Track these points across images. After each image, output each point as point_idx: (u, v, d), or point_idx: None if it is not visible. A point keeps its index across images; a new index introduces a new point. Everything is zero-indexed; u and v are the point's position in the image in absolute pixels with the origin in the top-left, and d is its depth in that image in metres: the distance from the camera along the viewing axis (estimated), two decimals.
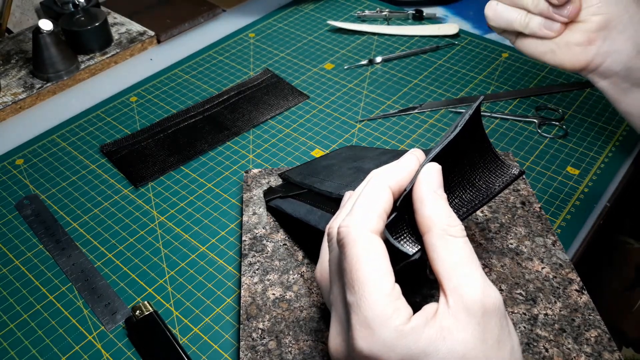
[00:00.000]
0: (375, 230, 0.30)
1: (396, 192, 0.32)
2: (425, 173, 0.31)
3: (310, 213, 0.46)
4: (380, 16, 0.85)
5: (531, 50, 0.48)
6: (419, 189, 0.31)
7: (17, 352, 0.45)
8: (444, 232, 0.30)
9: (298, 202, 0.49)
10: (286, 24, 0.85)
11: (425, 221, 0.30)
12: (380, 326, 0.28)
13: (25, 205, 0.57)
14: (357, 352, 0.29)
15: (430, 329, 0.28)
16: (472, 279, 0.29)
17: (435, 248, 0.30)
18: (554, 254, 0.47)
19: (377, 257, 0.29)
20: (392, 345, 0.28)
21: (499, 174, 0.36)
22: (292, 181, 0.52)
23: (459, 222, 0.30)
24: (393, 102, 0.69)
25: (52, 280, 0.50)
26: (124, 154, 0.63)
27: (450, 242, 0.29)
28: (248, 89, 0.71)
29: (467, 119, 0.33)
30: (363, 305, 0.28)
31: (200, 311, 0.47)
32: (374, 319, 0.28)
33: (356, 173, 0.46)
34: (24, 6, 0.85)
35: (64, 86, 0.74)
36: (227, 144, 0.64)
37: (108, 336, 0.46)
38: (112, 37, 0.79)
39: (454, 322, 0.28)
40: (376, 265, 0.29)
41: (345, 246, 0.30)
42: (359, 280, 0.29)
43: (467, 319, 0.28)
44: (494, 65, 0.74)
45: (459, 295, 0.28)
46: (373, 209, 0.31)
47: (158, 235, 0.54)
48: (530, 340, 0.41)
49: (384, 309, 0.28)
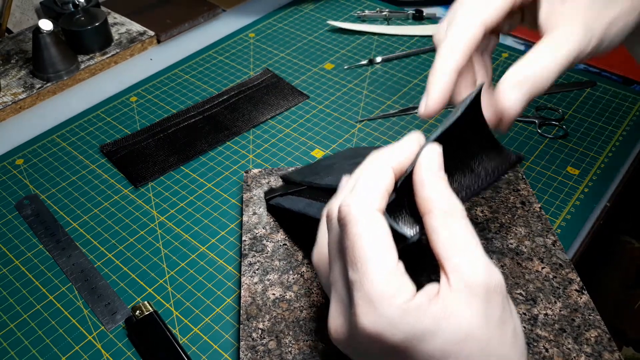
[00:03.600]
0: (377, 209, 0.30)
1: (397, 173, 0.32)
2: (426, 155, 0.31)
3: (309, 206, 0.46)
4: (380, 16, 0.85)
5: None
6: (419, 170, 0.31)
7: (17, 352, 0.45)
8: (445, 214, 0.29)
9: (297, 197, 0.49)
10: (286, 24, 0.85)
11: (425, 203, 0.30)
12: (383, 303, 0.27)
13: (25, 205, 0.57)
14: (359, 330, 0.28)
15: (434, 307, 0.27)
16: (473, 259, 0.28)
17: (435, 229, 0.29)
18: (554, 254, 0.47)
19: (380, 234, 0.29)
20: (396, 322, 0.27)
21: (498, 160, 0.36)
22: (293, 181, 0.52)
23: (460, 203, 0.30)
24: (393, 102, 0.69)
25: (52, 280, 0.50)
26: (124, 154, 0.63)
27: (451, 223, 0.29)
28: (248, 89, 0.71)
29: (468, 104, 0.33)
30: (366, 282, 0.28)
31: (200, 311, 0.47)
32: (377, 295, 0.28)
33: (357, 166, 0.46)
34: (24, 6, 0.85)
35: (64, 86, 0.74)
36: (227, 144, 0.64)
37: (108, 336, 0.46)
38: (112, 37, 0.79)
39: (456, 301, 0.28)
40: (379, 242, 0.29)
41: (347, 224, 0.30)
42: (362, 257, 0.28)
43: (470, 298, 0.28)
44: (494, 65, 0.74)
45: (460, 274, 0.28)
46: (375, 188, 0.30)
47: (158, 235, 0.54)
48: (530, 340, 0.41)
49: (388, 286, 0.28)
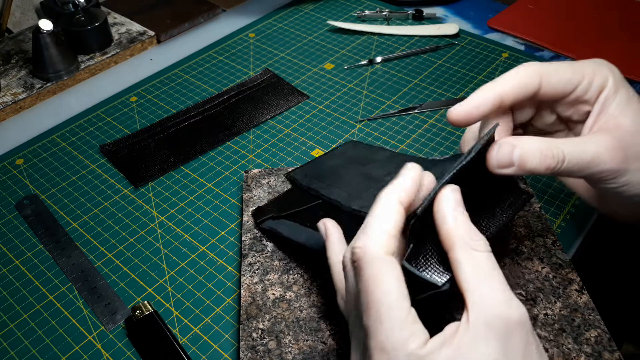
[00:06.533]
0: (388, 251, 0.30)
1: (406, 206, 0.32)
2: (445, 192, 0.32)
3: (312, 238, 0.45)
4: (380, 16, 0.85)
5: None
6: (439, 207, 0.31)
7: (17, 352, 0.45)
8: (467, 246, 0.30)
9: (296, 224, 0.47)
10: (286, 24, 0.85)
11: (448, 237, 0.30)
12: (396, 350, 0.28)
13: (25, 205, 0.57)
14: None
15: (446, 350, 0.27)
16: (495, 293, 0.28)
17: (459, 263, 0.30)
18: (554, 254, 0.47)
19: (391, 280, 0.29)
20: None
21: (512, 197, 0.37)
22: (298, 184, 0.52)
23: (482, 237, 0.30)
24: (393, 102, 0.69)
25: (52, 280, 0.50)
26: (124, 154, 0.63)
27: (474, 256, 0.29)
28: (248, 89, 0.71)
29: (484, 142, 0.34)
30: (379, 329, 0.28)
31: (200, 311, 0.47)
32: (389, 343, 0.28)
33: (366, 182, 0.45)
34: (24, 6, 0.85)
35: (64, 86, 0.74)
36: (227, 144, 0.64)
37: (108, 336, 0.46)
38: (112, 37, 0.79)
39: (474, 337, 0.27)
40: (391, 289, 0.29)
41: (359, 269, 0.30)
42: (374, 304, 0.29)
43: (488, 333, 0.27)
44: (494, 65, 0.74)
45: (481, 309, 0.28)
46: (385, 229, 0.31)
47: (158, 235, 0.54)
48: None
49: (400, 334, 0.28)
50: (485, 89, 0.37)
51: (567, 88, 0.37)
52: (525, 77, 0.37)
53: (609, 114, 0.37)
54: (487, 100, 0.36)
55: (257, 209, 0.52)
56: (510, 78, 0.37)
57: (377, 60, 0.75)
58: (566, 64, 0.37)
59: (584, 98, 0.37)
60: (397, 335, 0.28)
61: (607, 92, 0.37)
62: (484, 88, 0.37)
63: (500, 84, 0.37)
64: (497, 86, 0.37)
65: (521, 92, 0.37)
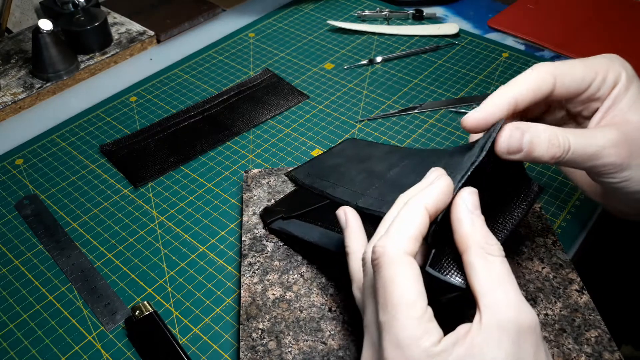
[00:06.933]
0: (409, 252, 0.31)
1: (432, 214, 0.32)
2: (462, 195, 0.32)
3: (325, 237, 0.45)
4: (380, 16, 0.85)
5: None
6: (456, 210, 0.32)
7: (17, 352, 0.45)
8: (482, 250, 0.30)
9: (307, 224, 0.47)
10: (286, 24, 0.84)
11: (463, 240, 0.31)
12: (410, 346, 0.28)
13: (25, 205, 0.57)
14: None
15: (459, 348, 0.28)
16: (508, 297, 0.29)
17: (473, 266, 0.30)
18: (554, 254, 0.47)
19: (410, 279, 0.30)
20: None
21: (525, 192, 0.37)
22: (300, 183, 0.52)
23: (497, 241, 0.31)
24: (393, 102, 0.69)
25: (52, 280, 0.50)
26: (123, 154, 0.63)
27: (488, 260, 0.30)
28: (248, 89, 0.71)
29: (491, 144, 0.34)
30: (395, 325, 0.29)
31: (200, 311, 0.47)
32: (404, 339, 0.28)
33: (369, 178, 0.46)
34: (23, 6, 0.85)
35: (64, 86, 0.74)
36: (227, 144, 0.64)
37: (108, 336, 0.46)
38: (112, 37, 0.79)
39: (486, 339, 0.28)
40: (409, 287, 0.29)
41: (379, 266, 0.30)
42: (392, 300, 0.29)
43: (500, 336, 0.28)
44: (494, 65, 0.74)
45: (493, 312, 0.28)
46: (409, 232, 0.31)
47: (158, 235, 0.54)
48: None
49: (415, 330, 0.28)
50: (499, 94, 0.36)
51: (580, 87, 0.37)
52: (539, 80, 0.36)
53: (619, 109, 0.37)
54: (502, 106, 0.36)
55: (265, 210, 0.52)
56: (524, 81, 0.36)
57: (377, 60, 0.75)
58: (578, 62, 0.37)
59: (597, 95, 0.37)
60: (411, 331, 0.28)
61: (619, 88, 0.37)
62: (498, 93, 0.36)
63: (514, 88, 0.36)
64: (511, 90, 0.36)
65: (536, 95, 0.36)
